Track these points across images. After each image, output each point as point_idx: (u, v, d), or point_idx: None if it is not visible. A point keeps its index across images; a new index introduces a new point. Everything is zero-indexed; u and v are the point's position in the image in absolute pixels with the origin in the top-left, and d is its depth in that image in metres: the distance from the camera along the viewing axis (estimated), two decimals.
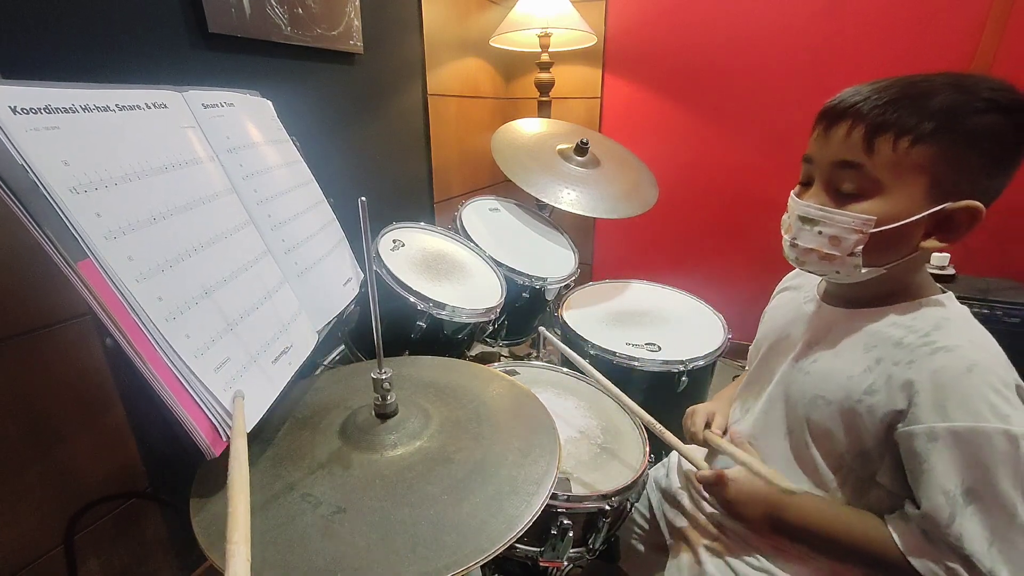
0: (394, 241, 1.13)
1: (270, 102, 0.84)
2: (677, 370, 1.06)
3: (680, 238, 2.10)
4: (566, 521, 0.72)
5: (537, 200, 1.36)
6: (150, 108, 0.57)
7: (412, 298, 0.96)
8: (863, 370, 0.58)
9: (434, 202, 1.72)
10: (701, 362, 1.07)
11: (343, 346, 1.00)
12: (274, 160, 0.76)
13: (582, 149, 1.45)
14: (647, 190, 1.47)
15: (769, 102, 1.80)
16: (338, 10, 1.17)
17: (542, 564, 0.75)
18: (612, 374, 1.05)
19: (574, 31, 1.71)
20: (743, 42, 1.77)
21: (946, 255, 1.55)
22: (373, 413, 0.60)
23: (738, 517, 0.66)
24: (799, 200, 0.59)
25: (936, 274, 1.53)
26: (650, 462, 0.81)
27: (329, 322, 0.77)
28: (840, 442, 0.61)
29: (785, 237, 0.62)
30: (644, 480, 0.80)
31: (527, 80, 2.06)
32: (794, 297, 0.73)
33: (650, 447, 0.83)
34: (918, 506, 0.54)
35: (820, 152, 0.57)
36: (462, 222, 1.30)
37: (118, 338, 0.45)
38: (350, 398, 0.68)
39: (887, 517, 0.57)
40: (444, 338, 1.04)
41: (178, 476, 0.73)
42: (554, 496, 0.69)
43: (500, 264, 1.23)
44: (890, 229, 0.53)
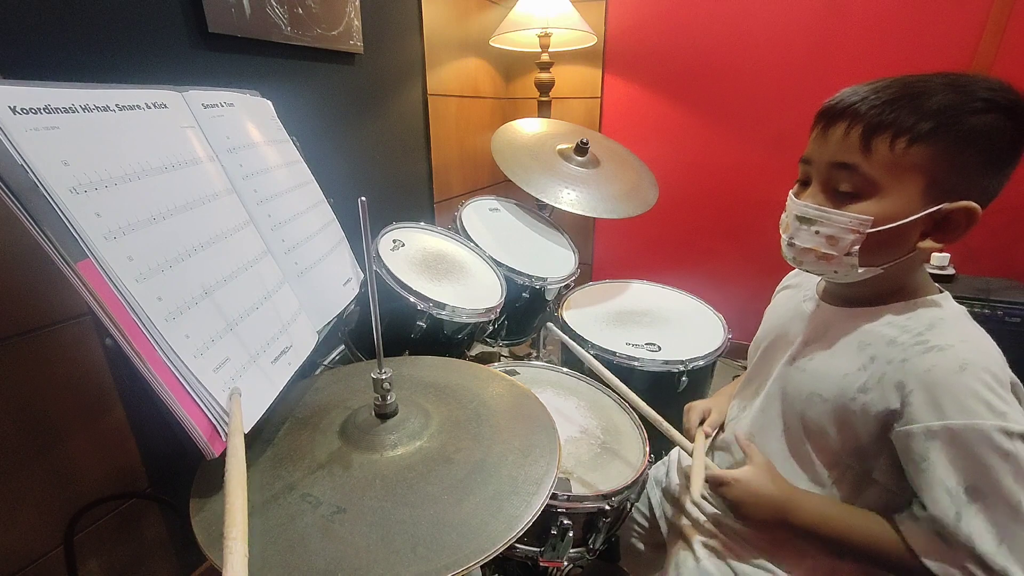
0: (394, 241, 1.13)
1: (270, 102, 0.84)
2: (677, 370, 1.06)
3: (680, 238, 2.10)
4: (566, 521, 0.72)
5: (537, 200, 1.36)
6: (150, 108, 0.57)
7: (412, 298, 0.96)
8: (857, 368, 0.58)
9: (434, 202, 1.72)
10: (701, 362, 1.07)
11: (343, 346, 1.00)
12: (274, 160, 0.76)
13: (582, 149, 1.45)
14: (647, 190, 1.47)
15: (769, 102, 1.80)
16: (338, 10, 1.17)
17: (542, 564, 0.75)
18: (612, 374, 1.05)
19: (574, 31, 1.71)
20: (743, 42, 1.77)
21: (946, 255, 1.56)
22: (373, 413, 0.60)
23: (745, 519, 0.65)
24: (797, 200, 0.59)
25: (936, 274, 1.52)
26: (650, 461, 0.81)
27: (329, 322, 0.77)
28: (835, 440, 0.61)
29: (783, 236, 0.62)
30: (644, 479, 0.80)
31: (527, 80, 2.07)
32: (794, 296, 0.73)
33: (650, 446, 0.83)
34: (924, 506, 0.53)
35: (818, 152, 0.58)
36: (462, 222, 1.30)
37: (118, 338, 0.45)
38: (350, 398, 0.68)
39: (897, 518, 0.57)
40: (444, 338, 1.04)
41: (178, 476, 0.74)
42: (554, 496, 0.69)
43: (500, 264, 1.23)
44: (887, 229, 0.53)
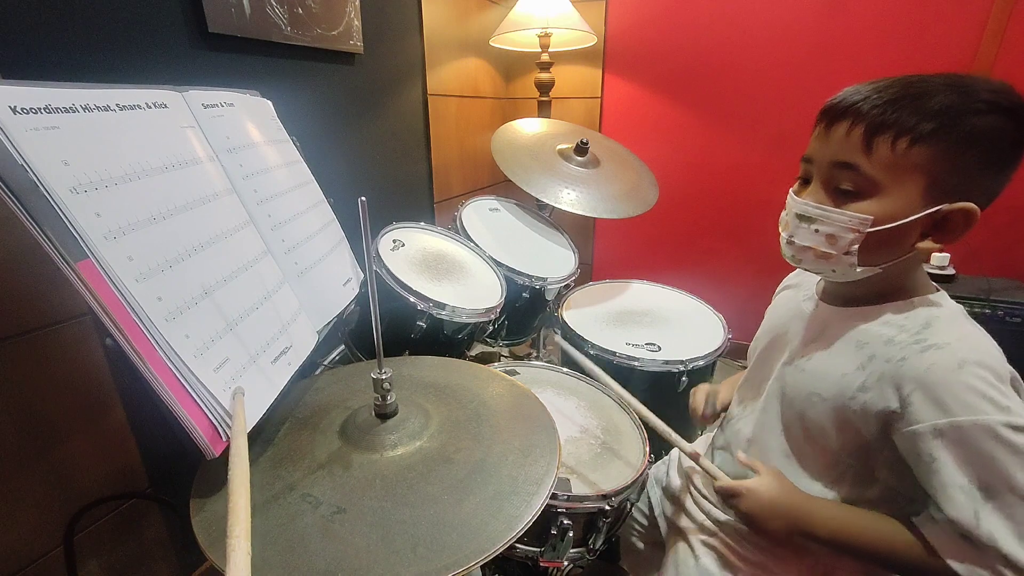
0: (394, 241, 1.13)
1: (270, 102, 0.84)
2: (677, 370, 1.06)
3: (680, 238, 2.10)
4: (566, 521, 0.72)
5: (537, 200, 1.36)
6: (150, 108, 0.57)
7: (412, 298, 0.96)
8: (856, 368, 0.58)
9: (434, 202, 1.72)
10: (701, 362, 1.07)
11: (343, 346, 1.00)
12: (274, 160, 0.76)
13: (582, 149, 1.45)
14: (647, 190, 1.47)
15: (769, 102, 1.80)
16: (338, 10, 1.17)
17: (542, 564, 0.75)
18: (612, 374, 1.05)
19: (574, 31, 1.71)
20: (743, 42, 1.77)
21: (946, 255, 1.56)
22: (373, 413, 0.60)
23: (760, 531, 0.63)
24: (797, 198, 0.59)
25: (936, 274, 1.52)
26: (650, 461, 0.81)
27: (329, 322, 0.77)
28: (835, 439, 0.61)
29: (783, 234, 0.62)
30: (644, 479, 0.80)
31: (527, 80, 2.07)
32: (794, 295, 0.73)
33: (650, 446, 0.83)
34: (940, 507, 0.53)
35: (820, 151, 0.58)
36: (462, 222, 1.30)
37: (118, 338, 0.45)
38: (350, 398, 0.68)
39: (916, 521, 0.56)
40: (444, 338, 1.04)
41: (178, 476, 0.74)
42: (554, 496, 0.69)
43: (500, 264, 1.23)
44: (886, 229, 0.53)
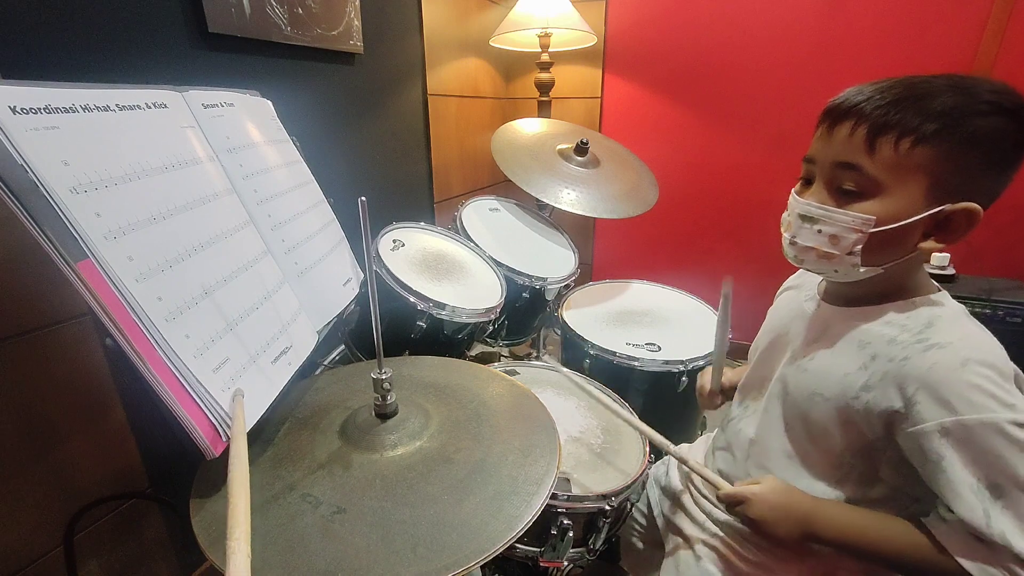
0: (394, 241, 1.13)
1: (270, 102, 0.84)
2: (677, 370, 1.06)
3: (680, 238, 2.10)
4: (566, 521, 0.72)
5: (537, 200, 1.36)
6: (150, 108, 0.57)
7: (412, 298, 0.96)
8: (859, 368, 0.58)
9: (434, 202, 1.72)
10: (701, 362, 1.07)
11: (343, 346, 1.00)
12: (274, 160, 0.76)
13: (582, 149, 1.45)
14: (647, 190, 1.47)
15: (770, 102, 1.80)
16: (338, 10, 1.17)
17: (542, 564, 0.75)
18: (612, 374, 1.05)
19: (574, 31, 1.71)
20: (743, 42, 1.77)
21: (946, 255, 1.56)
22: (373, 413, 0.60)
23: (769, 537, 0.62)
24: (800, 198, 0.59)
25: (936, 274, 1.52)
26: (650, 461, 0.81)
27: (329, 322, 0.77)
28: (839, 439, 0.61)
29: (785, 235, 0.62)
30: (644, 479, 0.80)
31: (527, 80, 2.06)
32: (795, 296, 0.73)
33: (650, 446, 0.83)
34: (949, 507, 0.53)
35: (822, 151, 0.58)
36: (462, 222, 1.30)
37: (118, 338, 0.45)
38: (350, 398, 0.68)
39: (926, 522, 0.56)
40: (444, 338, 1.04)
41: (178, 476, 0.74)
42: (554, 496, 0.69)
43: (500, 264, 1.23)
44: (889, 229, 0.53)
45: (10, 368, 0.68)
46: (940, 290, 0.60)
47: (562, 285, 1.29)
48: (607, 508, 0.72)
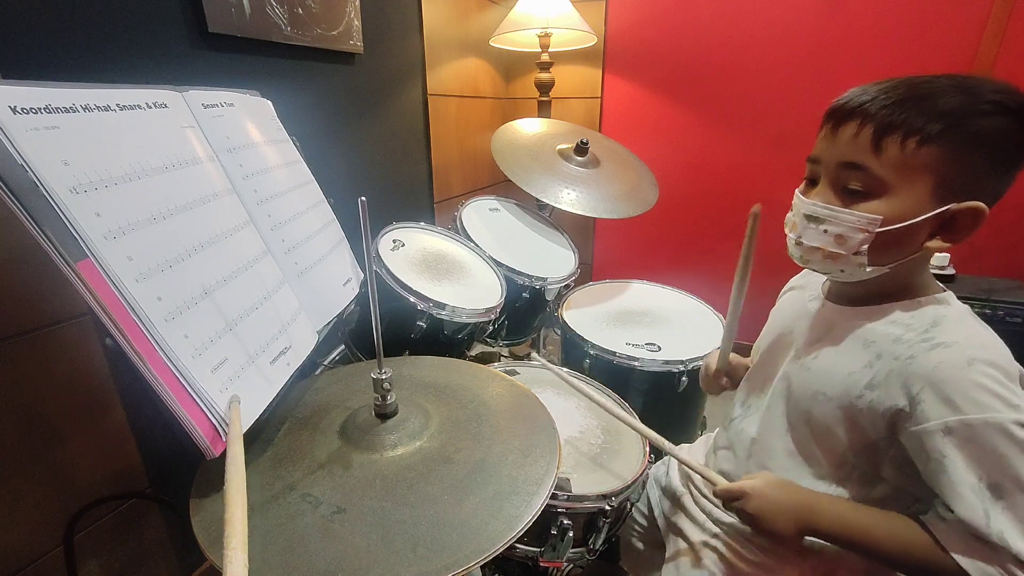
0: (394, 241, 1.13)
1: (270, 102, 0.84)
2: (677, 370, 1.06)
3: (680, 238, 2.10)
4: (566, 521, 0.72)
5: (537, 200, 1.36)
6: (150, 108, 0.57)
7: (412, 298, 0.96)
8: (863, 366, 0.58)
9: (434, 202, 1.72)
10: (701, 362, 1.06)
11: (343, 346, 1.00)
12: (274, 160, 0.76)
13: (582, 149, 1.45)
14: (647, 190, 1.47)
15: (770, 102, 1.80)
16: (338, 10, 1.17)
17: (542, 564, 0.75)
18: (612, 374, 1.05)
19: (574, 31, 1.70)
20: (743, 42, 1.77)
21: (946, 255, 1.55)
22: (373, 413, 0.60)
23: (767, 532, 0.62)
24: (805, 199, 0.59)
25: (936, 274, 1.51)
26: (650, 461, 0.81)
27: (329, 322, 0.77)
28: (842, 439, 0.61)
29: (790, 236, 0.62)
30: (644, 480, 0.80)
31: (527, 80, 2.06)
32: (799, 296, 0.73)
33: (650, 446, 0.83)
34: (949, 507, 0.53)
35: (827, 151, 0.58)
36: (462, 222, 1.30)
37: (118, 338, 0.45)
38: (350, 398, 0.68)
39: (925, 519, 0.56)
40: (444, 338, 1.04)
41: (178, 476, 0.74)
42: (554, 496, 0.69)
43: (500, 264, 1.23)
44: (895, 229, 0.53)
45: (10, 368, 0.68)
46: (945, 290, 0.60)
47: (562, 285, 1.29)
48: (607, 508, 0.72)
